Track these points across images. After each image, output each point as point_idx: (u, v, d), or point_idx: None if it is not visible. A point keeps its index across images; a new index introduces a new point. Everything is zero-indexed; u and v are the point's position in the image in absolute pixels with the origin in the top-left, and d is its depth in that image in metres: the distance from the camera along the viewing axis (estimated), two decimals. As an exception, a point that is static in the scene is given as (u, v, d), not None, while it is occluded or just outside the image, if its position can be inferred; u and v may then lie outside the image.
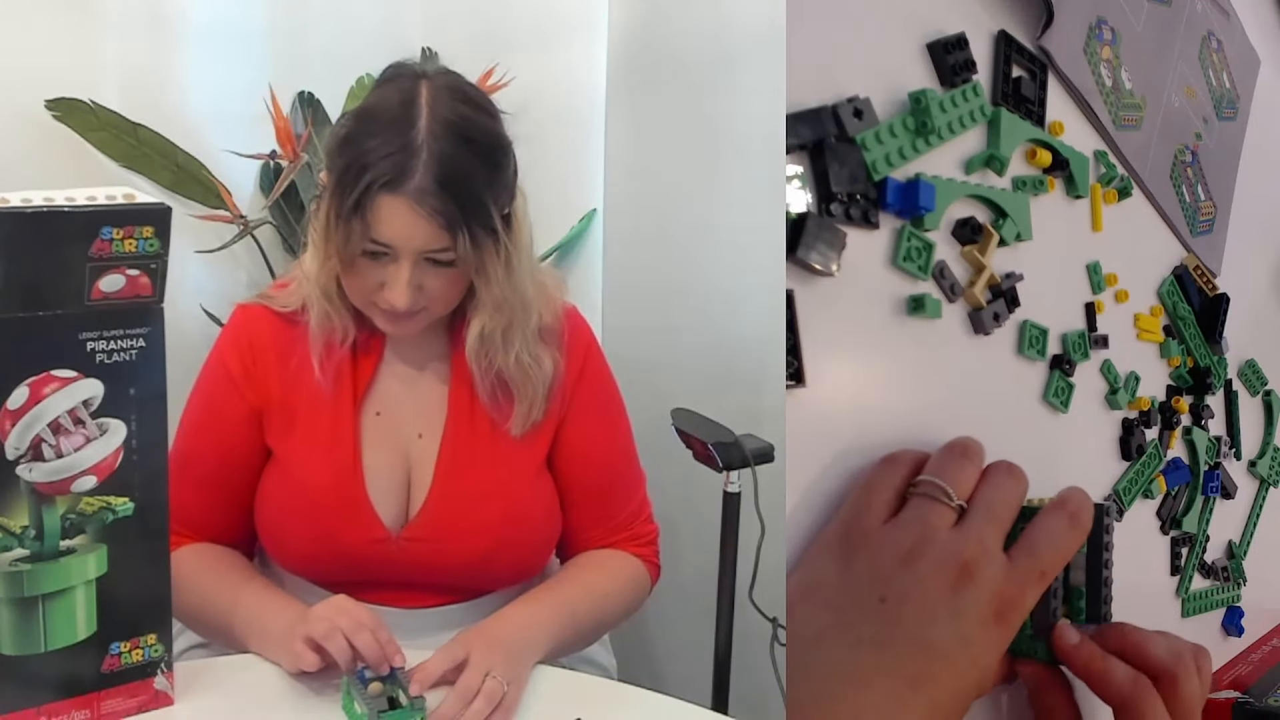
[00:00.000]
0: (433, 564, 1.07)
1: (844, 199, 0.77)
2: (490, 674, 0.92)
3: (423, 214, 0.95)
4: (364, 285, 1.01)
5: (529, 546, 1.12)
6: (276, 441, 1.09)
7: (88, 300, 0.83)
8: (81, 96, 1.52)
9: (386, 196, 0.95)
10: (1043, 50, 0.92)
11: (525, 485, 1.11)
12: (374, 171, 0.95)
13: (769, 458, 1.29)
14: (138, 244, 0.83)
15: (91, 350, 0.84)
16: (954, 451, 0.75)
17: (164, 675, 0.92)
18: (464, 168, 0.96)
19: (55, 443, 0.84)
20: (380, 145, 0.96)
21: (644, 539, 1.19)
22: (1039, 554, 0.70)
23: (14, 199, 0.80)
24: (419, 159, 0.95)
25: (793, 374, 0.75)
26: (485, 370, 1.07)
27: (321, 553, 1.07)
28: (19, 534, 0.84)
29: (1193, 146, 1.10)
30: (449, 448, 1.09)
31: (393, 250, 0.98)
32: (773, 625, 1.29)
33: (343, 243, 0.98)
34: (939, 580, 0.67)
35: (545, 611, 1.05)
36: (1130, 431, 1.00)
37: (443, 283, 1.01)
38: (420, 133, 0.96)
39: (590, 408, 1.14)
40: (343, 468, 1.07)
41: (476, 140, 0.98)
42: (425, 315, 1.04)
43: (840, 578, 0.68)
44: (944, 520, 0.70)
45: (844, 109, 0.78)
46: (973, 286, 0.85)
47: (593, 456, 1.15)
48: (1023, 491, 0.75)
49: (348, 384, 1.08)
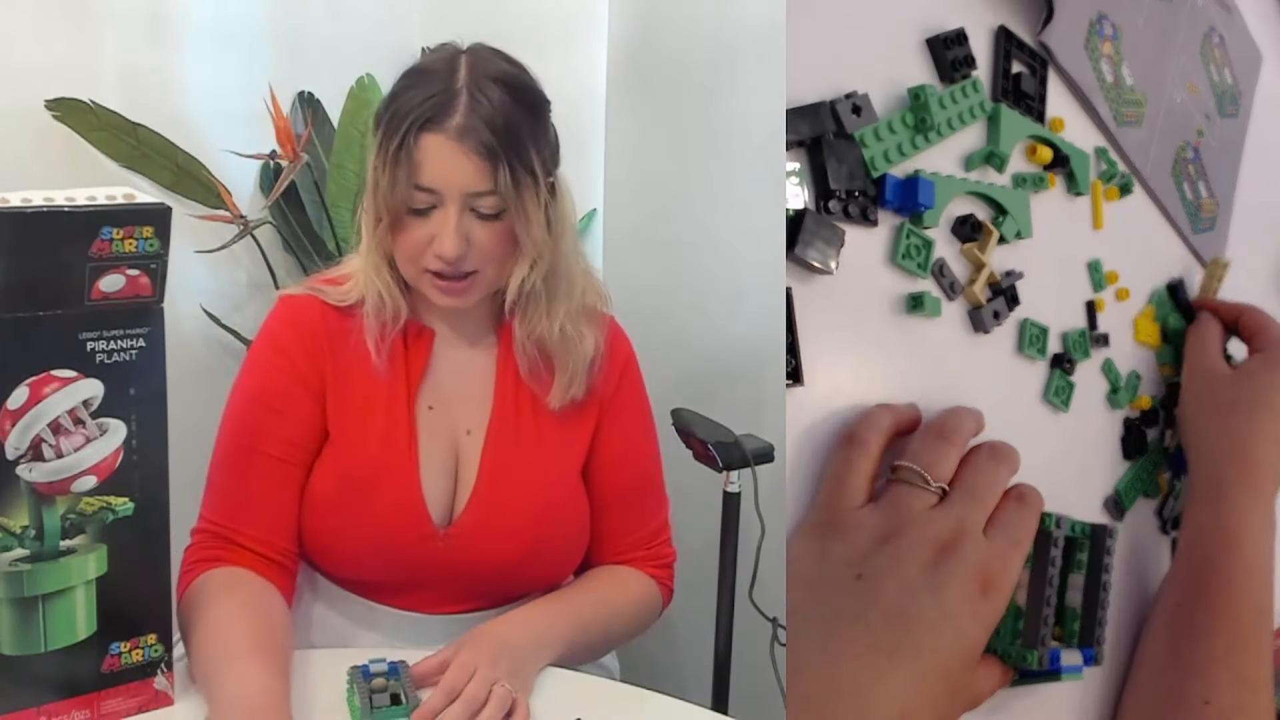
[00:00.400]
0: (474, 562, 1.06)
1: (842, 196, 0.77)
2: (499, 681, 0.92)
3: (464, 149, 0.97)
4: (414, 243, 1.01)
5: (564, 548, 1.12)
6: (335, 427, 1.07)
7: (88, 300, 0.83)
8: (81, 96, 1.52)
9: (428, 135, 0.98)
10: (1043, 46, 0.92)
11: (564, 488, 1.10)
12: (416, 113, 0.98)
13: (769, 458, 1.29)
14: (138, 244, 0.83)
15: (91, 350, 0.84)
16: (931, 433, 0.76)
17: (164, 675, 0.92)
18: (504, 108, 0.99)
19: (55, 443, 0.84)
20: (422, 92, 0.99)
21: (661, 561, 1.18)
22: (1010, 530, 0.73)
23: (14, 199, 0.80)
24: (460, 99, 0.98)
25: (791, 372, 0.75)
26: (528, 335, 1.07)
27: (371, 549, 1.06)
28: (19, 534, 0.84)
29: (1194, 143, 1.10)
30: (493, 445, 1.08)
31: (438, 195, 0.99)
32: (773, 625, 1.29)
33: (389, 192, 0.99)
34: (917, 557, 0.67)
35: (554, 617, 1.04)
36: (1131, 430, 0.99)
37: (490, 236, 1.01)
38: (461, 80, 0.99)
39: (625, 418, 1.14)
40: (400, 462, 1.06)
41: (516, 88, 1.01)
42: (476, 281, 1.03)
43: (816, 558, 0.68)
44: (923, 503, 0.71)
45: (842, 105, 0.78)
46: (972, 284, 0.85)
47: (623, 465, 1.14)
48: (1008, 472, 0.76)
49: (402, 376, 1.07)
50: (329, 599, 1.10)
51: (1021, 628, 0.77)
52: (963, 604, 0.67)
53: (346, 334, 1.07)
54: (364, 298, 1.06)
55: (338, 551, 1.07)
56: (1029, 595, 0.79)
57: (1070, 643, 0.81)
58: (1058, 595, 0.79)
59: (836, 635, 0.64)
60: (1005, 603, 0.71)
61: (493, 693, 0.91)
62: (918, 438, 0.76)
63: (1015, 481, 0.78)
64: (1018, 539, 0.73)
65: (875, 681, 0.62)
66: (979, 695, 0.74)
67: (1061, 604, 0.81)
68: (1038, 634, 0.77)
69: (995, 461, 0.76)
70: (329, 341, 1.07)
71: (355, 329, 1.06)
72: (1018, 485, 0.77)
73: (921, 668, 0.64)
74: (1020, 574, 0.74)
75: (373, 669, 0.92)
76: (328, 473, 1.06)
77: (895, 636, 0.64)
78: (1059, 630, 0.81)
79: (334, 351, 1.07)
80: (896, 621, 0.64)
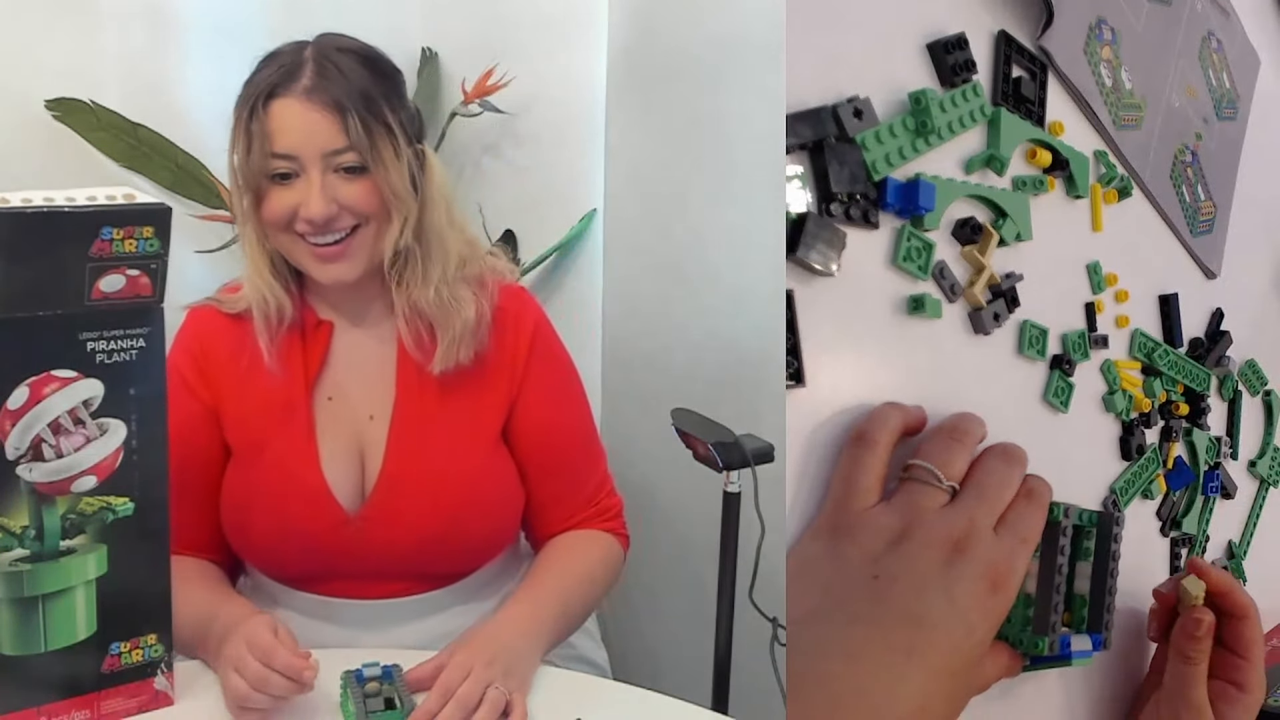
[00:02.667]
0: (391, 545, 1.08)
1: (844, 199, 0.77)
2: (494, 685, 0.92)
3: (313, 106, 1.00)
4: (279, 211, 1.03)
5: (489, 522, 1.13)
6: (235, 438, 1.10)
7: (88, 300, 0.83)
8: (81, 96, 1.52)
9: (277, 101, 1.01)
10: (1043, 50, 0.92)
11: (478, 463, 1.11)
12: (264, 84, 1.01)
13: (769, 458, 1.29)
14: (138, 244, 0.83)
15: (91, 350, 0.84)
16: (944, 433, 0.76)
17: (164, 675, 0.92)
18: (351, 71, 1.03)
19: (55, 443, 0.84)
20: (270, 67, 1.03)
21: (610, 513, 1.20)
22: (1019, 528, 0.73)
23: (14, 199, 0.80)
24: (307, 66, 1.02)
25: (792, 374, 0.75)
26: (406, 301, 1.08)
27: (283, 543, 1.08)
28: (19, 534, 0.85)
29: (1193, 146, 1.10)
30: (398, 428, 1.10)
31: (297, 160, 1.01)
32: (773, 625, 1.29)
33: (245, 164, 1.02)
34: (930, 556, 0.68)
35: (539, 608, 1.05)
36: (1130, 432, 1.00)
37: (356, 191, 1.03)
38: (308, 54, 1.04)
39: (543, 383, 1.15)
40: (299, 455, 1.08)
41: (365, 56, 1.06)
42: (353, 243, 1.04)
43: (830, 560, 0.69)
44: (935, 502, 0.72)
45: (844, 109, 0.78)
46: (973, 286, 0.85)
47: (551, 432, 1.16)
48: (1018, 473, 0.76)
49: (299, 372, 1.09)
50: (284, 600, 1.13)
51: (1032, 615, 0.78)
52: (973, 601, 0.68)
53: (243, 340, 1.09)
54: (251, 305, 1.09)
55: (257, 548, 1.10)
56: (1039, 583, 0.79)
57: (1079, 629, 0.81)
58: (1066, 583, 0.80)
59: (854, 636, 0.64)
60: (1013, 598, 0.71)
61: (486, 695, 0.91)
62: (929, 437, 0.76)
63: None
64: (1025, 536, 0.74)
65: (895, 681, 0.63)
66: (987, 682, 0.75)
67: (1070, 591, 0.81)
68: (1048, 621, 0.77)
69: (1006, 462, 0.76)
70: (227, 352, 1.10)
71: (251, 334, 1.09)
72: (1028, 479, 0.78)
73: (935, 665, 0.65)
74: (1029, 565, 0.75)
75: (366, 673, 0.93)
76: (235, 475, 1.10)
77: (910, 636, 0.65)
78: (1068, 616, 0.81)
79: (232, 361, 1.09)
80: (911, 621, 0.65)
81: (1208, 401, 1.09)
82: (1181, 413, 1.06)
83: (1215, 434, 1.10)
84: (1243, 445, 1.14)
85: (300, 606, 1.11)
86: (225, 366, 1.09)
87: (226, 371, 1.09)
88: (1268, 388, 1.17)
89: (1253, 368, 1.15)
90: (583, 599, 1.12)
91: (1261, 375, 1.16)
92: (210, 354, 1.10)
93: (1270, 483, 1.16)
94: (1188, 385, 1.06)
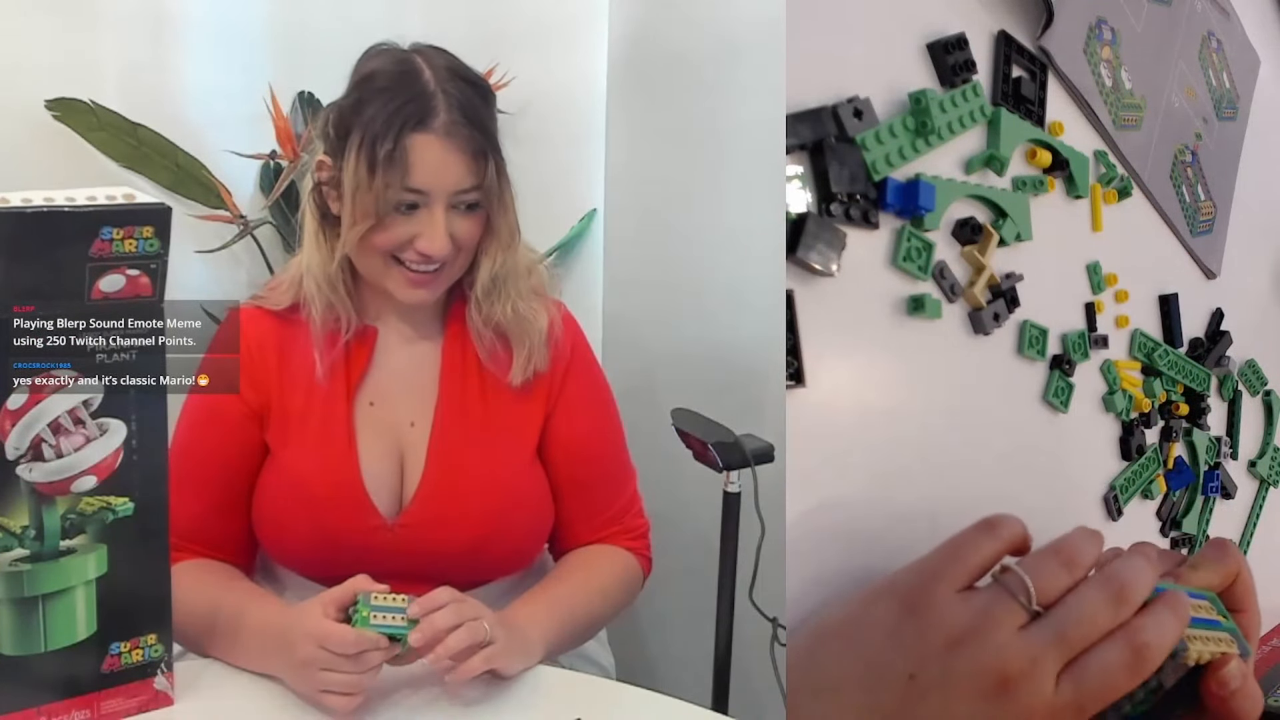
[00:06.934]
0: (428, 551, 1.08)
1: (844, 199, 0.77)
2: (484, 621, 0.93)
3: (453, 147, 1.01)
4: (396, 240, 1.03)
5: (523, 533, 1.13)
6: (275, 439, 1.10)
7: (88, 300, 0.83)
8: (81, 96, 1.52)
9: (418, 136, 1.00)
10: (1043, 50, 0.92)
11: (515, 473, 1.11)
12: (401, 116, 1.00)
13: (769, 458, 1.29)
14: (138, 244, 0.83)
15: (91, 350, 0.84)
16: (1055, 554, 0.68)
17: (164, 675, 0.92)
18: (475, 103, 1.03)
19: (55, 443, 0.84)
20: (395, 97, 1.01)
21: (635, 532, 1.20)
22: (1085, 688, 0.63)
23: (14, 199, 0.80)
24: (437, 99, 1.02)
25: (792, 374, 0.75)
26: (486, 320, 1.09)
27: (320, 544, 1.08)
28: (19, 534, 0.85)
29: (1193, 146, 1.10)
30: (439, 434, 1.10)
31: (425, 195, 1.02)
32: (773, 625, 1.29)
33: (381, 195, 1.01)
34: (974, 684, 0.62)
35: (544, 611, 1.05)
36: (1130, 432, 1.00)
37: (469, 226, 1.04)
38: (429, 80, 1.03)
39: (579, 399, 1.15)
40: (337, 458, 1.08)
41: (474, 81, 1.06)
42: (445, 274, 1.06)
43: (886, 632, 0.64)
44: (1012, 620, 0.64)
45: (844, 109, 0.78)
46: (973, 286, 0.85)
47: (583, 448, 1.15)
48: (1114, 618, 0.65)
49: (341, 376, 1.09)
50: (300, 593, 1.11)
51: None
52: None
53: (290, 341, 1.09)
54: (299, 302, 1.09)
55: (292, 549, 1.10)
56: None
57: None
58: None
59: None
60: None
61: (468, 625, 0.91)
62: (1043, 550, 0.69)
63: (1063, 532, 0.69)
64: (1083, 705, 0.63)
65: None
66: None
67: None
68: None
69: (1105, 601, 0.65)
70: (274, 353, 1.09)
71: (297, 335, 1.09)
72: (1135, 640, 0.64)
73: None
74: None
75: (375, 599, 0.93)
76: (274, 475, 1.10)
77: None
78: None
79: (279, 361, 1.09)
80: None
81: (1208, 401, 1.09)
82: (1181, 413, 1.06)
83: (1215, 434, 1.10)
84: (1243, 445, 1.14)
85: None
86: (272, 367, 1.09)
87: (273, 372, 1.09)
88: (1268, 388, 1.17)
89: (1253, 368, 1.15)
90: (593, 610, 1.11)
91: (1261, 375, 1.16)
92: (258, 354, 1.09)
93: (1270, 483, 1.16)
94: (1188, 385, 1.06)
